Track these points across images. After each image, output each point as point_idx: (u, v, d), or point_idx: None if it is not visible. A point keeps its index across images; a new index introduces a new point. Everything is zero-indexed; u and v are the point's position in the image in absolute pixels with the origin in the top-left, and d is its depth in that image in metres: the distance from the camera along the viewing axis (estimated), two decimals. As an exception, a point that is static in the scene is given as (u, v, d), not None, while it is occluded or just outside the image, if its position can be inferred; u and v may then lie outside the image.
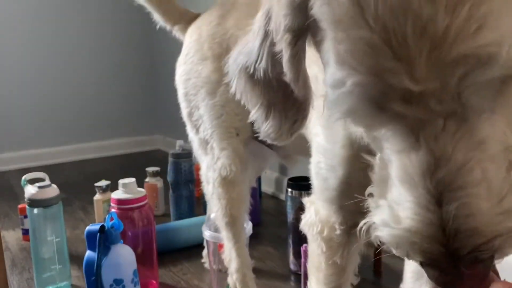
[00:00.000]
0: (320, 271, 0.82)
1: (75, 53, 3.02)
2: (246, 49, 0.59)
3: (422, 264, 0.47)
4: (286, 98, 0.57)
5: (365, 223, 0.51)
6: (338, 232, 0.79)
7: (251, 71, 0.58)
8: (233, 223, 1.17)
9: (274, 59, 0.55)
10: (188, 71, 1.18)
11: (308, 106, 0.57)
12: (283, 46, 0.53)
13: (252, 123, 1.13)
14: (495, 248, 0.43)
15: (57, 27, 2.95)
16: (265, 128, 0.61)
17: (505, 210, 0.43)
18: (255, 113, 0.61)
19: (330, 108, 0.46)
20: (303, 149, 1.07)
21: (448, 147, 0.42)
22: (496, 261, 0.46)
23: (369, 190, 0.52)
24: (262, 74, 0.57)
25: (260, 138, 0.64)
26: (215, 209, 1.19)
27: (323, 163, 0.77)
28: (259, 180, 1.99)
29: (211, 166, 1.16)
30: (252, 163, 1.27)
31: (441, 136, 0.43)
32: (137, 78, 3.23)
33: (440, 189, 0.43)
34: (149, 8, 1.28)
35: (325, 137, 0.77)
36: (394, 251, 0.48)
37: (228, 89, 1.14)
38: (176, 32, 1.28)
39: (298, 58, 0.53)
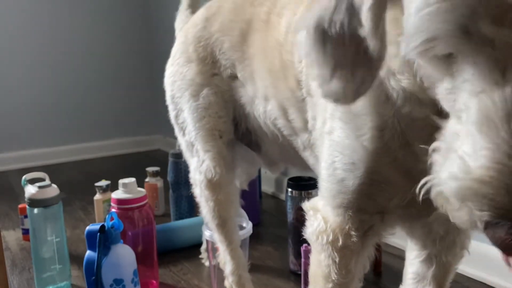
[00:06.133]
0: (329, 281, 0.77)
1: (76, 53, 3.02)
2: (321, 5, 0.56)
3: (487, 225, 0.41)
4: (357, 56, 0.54)
5: (426, 182, 0.47)
6: (354, 239, 0.73)
7: (325, 25, 0.55)
8: (223, 225, 1.17)
9: (352, 10, 0.52)
10: (174, 73, 1.18)
11: (380, 66, 0.54)
12: None
13: (234, 126, 1.13)
14: None
15: (58, 27, 2.96)
16: (328, 89, 0.57)
17: None
18: (319, 72, 0.58)
19: (409, 38, 0.43)
20: (291, 158, 1.06)
21: None
22: None
23: (434, 145, 0.48)
24: (336, 28, 0.54)
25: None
26: (204, 212, 1.19)
27: (340, 162, 0.71)
28: (259, 180, 1.99)
29: (197, 168, 1.16)
30: (241, 165, 1.26)
31: None
32: (137, 78, 3.23)
33: None
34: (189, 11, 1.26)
35: (344, 131, 0.70)
36: (455, 209, 0.43)
37: (211, 92, 1.15)
38: None
39: (380, 6, 0.51)
